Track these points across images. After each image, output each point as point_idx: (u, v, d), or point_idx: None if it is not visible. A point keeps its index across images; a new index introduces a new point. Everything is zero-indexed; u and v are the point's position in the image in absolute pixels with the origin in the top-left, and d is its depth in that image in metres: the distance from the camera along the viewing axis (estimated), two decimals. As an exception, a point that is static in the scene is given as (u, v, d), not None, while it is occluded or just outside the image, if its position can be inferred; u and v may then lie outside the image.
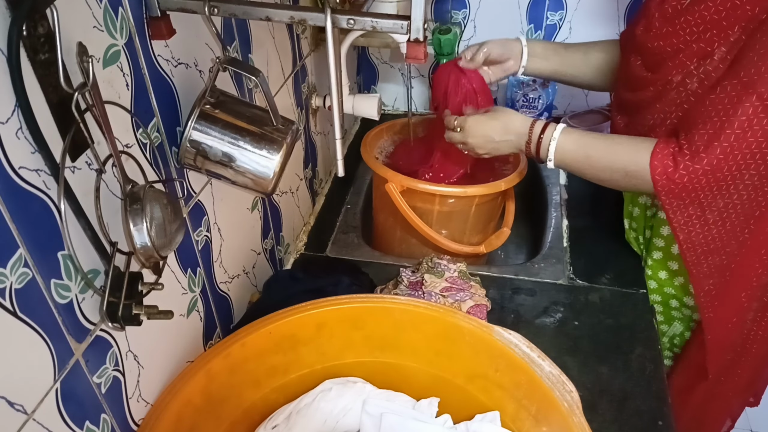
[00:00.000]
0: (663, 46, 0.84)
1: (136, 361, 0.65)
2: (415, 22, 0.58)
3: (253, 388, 0.78)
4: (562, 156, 0.90)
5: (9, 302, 0.47)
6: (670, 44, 0.83)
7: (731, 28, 0.76)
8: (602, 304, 1.02)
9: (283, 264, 1.13)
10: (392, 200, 1.04)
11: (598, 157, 0.88)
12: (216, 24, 0.68)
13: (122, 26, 0.58)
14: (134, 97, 0.61)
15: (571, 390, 0.70)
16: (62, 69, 0.47)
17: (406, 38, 0.60)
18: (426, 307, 0.78)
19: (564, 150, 0.90)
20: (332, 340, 0.80)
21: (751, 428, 1.77)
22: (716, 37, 0.78)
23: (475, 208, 1.07)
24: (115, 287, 0.56)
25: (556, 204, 1.24)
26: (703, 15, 0.78)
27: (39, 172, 0.49)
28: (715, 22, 0.77)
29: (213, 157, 0.66)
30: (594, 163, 0.88)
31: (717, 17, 0.77)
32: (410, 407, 0.81)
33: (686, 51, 0.81)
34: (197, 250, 0.78)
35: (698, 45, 0.80)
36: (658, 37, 0.85)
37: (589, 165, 0.89)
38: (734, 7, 0.75)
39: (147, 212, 0.55)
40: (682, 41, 0.82)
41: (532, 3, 1.34)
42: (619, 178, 0.87)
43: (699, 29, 0.79)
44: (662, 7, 0.84)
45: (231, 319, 0.92)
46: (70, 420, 0.55)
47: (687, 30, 0.80)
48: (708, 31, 0.79)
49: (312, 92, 1.17)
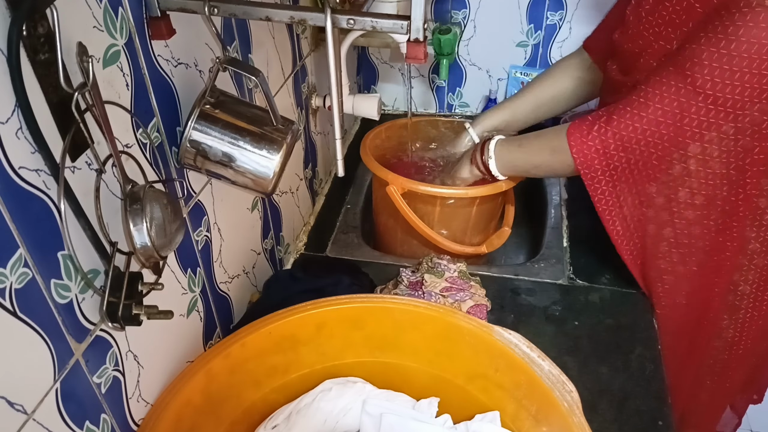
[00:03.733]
0: (632, 47, 0.86)
1: (136, 361, 0.65)
2: (415, 22, 0.58)
3: (253, 388, 0.78)
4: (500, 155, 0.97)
5: (9, 302, 0.47)
6: (637, 45, 0.85)
7: (686, 25, 0.78)
8: (602, 304, 1.02)
9: (283, 264, 1.13)
10: (393, 202, 1.04)
11: (528, 141, 0.95)
12: (216, 24, 0.68)
13: (122, 26, 0.58)
14: (134, 97, 0.61)
15: (571, 390, 0.70)
16: (62, 69, 0.47)
17: (406, 38, 0.60)
18: (426, 307, 0.78)
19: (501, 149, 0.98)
20: (332, 340, 0.80)
21: (751, 428, 1.77)
22: (673, 34, 0.79)
23: (476, 208, 1.07)
24: (115, 287, 0.56)
25: (556, 204, 1.24)
26: (663, 15, 0.80)
27: (39, 172, 0.49)
28: (672, 21, 0.79)
29: (213, 157, 0.66)
30: (526, 148, 0.95)
31: (674, 17, 0.78)
32: (410, 407, 0.81)
33: (649, 50, 0.83)
34: (197, 250, 0.78)
35: (659, 44, 0.81)
36: (629, 40, 0.86)
37: (523, 152, 0.96)
38: (689, 7, 0.76)
39: (147, 212, 0.55)
40: (646, 42, 0.83)
41: (532, 3, 1.34)
42: (549, 158, 0.91)
43: (659, 29, 0.81)
44: (636, 10, 0.85)
45: (231, 319, 0.92)
46: (70, 420, 0.55)
47: (650, 30, 0.82)
48: (665, 29, 0.80)
49: (312, 92, 1.17)
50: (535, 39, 1.39)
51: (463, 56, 1.46)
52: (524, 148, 0.96)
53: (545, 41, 1.39)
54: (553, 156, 0.89)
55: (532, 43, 1.40)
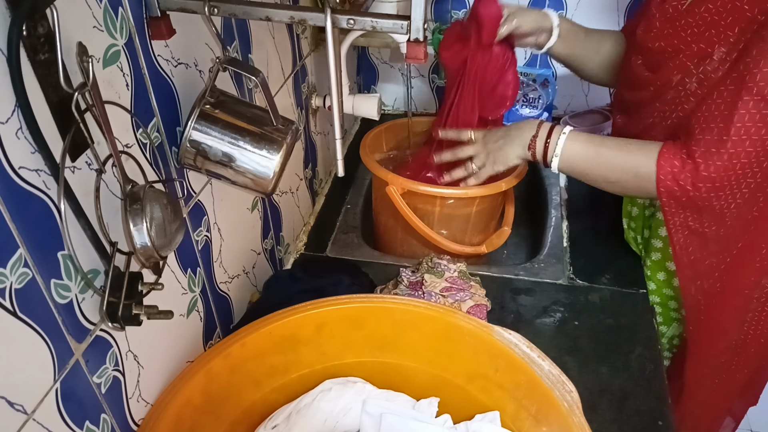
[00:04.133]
0: (664, 46, 0.84)
1: (136, 361, 0.65)
2: (415, 22, 0.58)
3: (253, 388, 0.78)
4: (571, 153, 0.89)
5: (9, 302, 0.47)
6: (670, 45, 0.83)
7: (731, 29, 0.77)
8: (602, 304, 1.02)
9: (283, 264, 1.13)
10: (393, 202, 1.04)
11: (610, 155, 0.87)
12: (216, 24, 0.68)
13: (122, 26, 0.58)
14: (134, 97, 0.61)
15: (571, 390, 0.70)
16: (62, 69, 0.47)
17: (406, 38, 0.60)
18: (426, 307, 0.78)
19: (573, 147, 0.89)
20: (332, 340, 0.80)
21: (751, 428, 1.77)
22: (716, 37, 0.78)
23: (476, 208, 1.07)
24: (115, 287, 0.56)
25: (556, 204, 1.24)
26: (704, 16, 0.78)
27: (39, 172, 0.49)
28: (714, 23, 0.78)
29: (213, 157, 0.66)
30: (604, 161, 0.87)
31: (717, 18, 0.77)
32: (410, 407, 0.81)
33: (686, 51, 0.82)
34: (197, 250, 0.78)
35: (698, 45, 0.80)
36: (659, 38, 0.85)
37: (599, 164, 0.88)
38: (734, 9, 0.75)
39: (147, 212, 0.55)
40: (682, 42, 0.82)
41: (533, 3, 1.34)
42: (629, 179, 0.86)
43: (699, 30, 0.79)
44: (663, 7, 0.84)
45: (231, 319, 0.92)
46: (70, 420, 0.55)
47: (688, 31, 0.81)
48: (708, 31, 0.79)
49: (312, 92, 1.17)
50: (535, 39, 1.39)
51: (463, 56, 1.45)
52: (603, 160, 0.87)
53: (545, 41, 1.39)
54: (636, 180, 0.85)
55: (532, 43, 1.40)
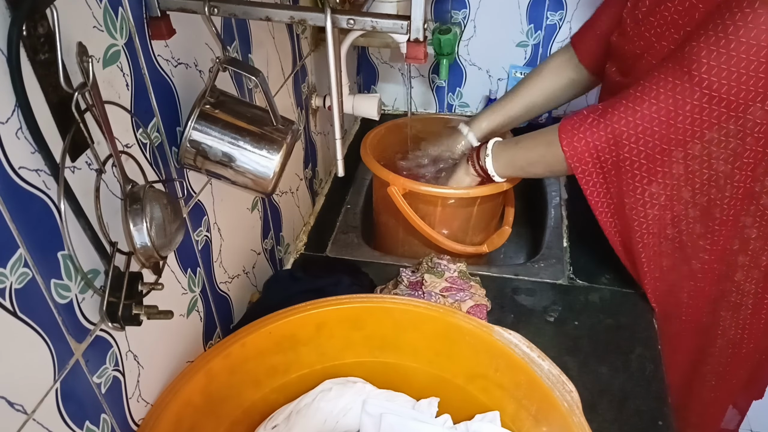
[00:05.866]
0: (632, 48, 0.85)
1: (136, 361, 0.65)
2: (415, 22, 0.58)
3: (253, 388, 0.78)
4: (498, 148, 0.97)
5: (9, 302, 0.47)
6: (638, 46, 0.84)
7: (689, 26, 0.77)
8: (602, 304, 1.02)
9: (283, 264, 1.13)
10: (394, 202, 1.04)
11: (525, 138, 0.95)
12: (216, 24, 0.68)
13: (122, 26, 0.58)
14: (134, 97, 0.61)
15: (571, 390, 0.70)
16: (62, 69, 0.47)
17: (406, 38, 0.60)
18: (426, 307, 0.78)
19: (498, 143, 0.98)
20: (332, 340, 0.80)
21: (751, 428, 1.77)
22: (676, 34, 0.79)
23: (477, 208, 1.07)
24: (115, 287, 0.56)
25: (556, 204, 1.24)
26: (664, 15, 0.79)
27: (39, 172, 0.49)
28: (674, 21, 0.78)
29: (213, 157, 0.66)
30: (522, 143, 0.95)
31: (677, 17, 0.78)
32: (410, 407, 0.81)
33: (651, 51, 0.83)
34: (197, 250, 0.78)
35: (661, 44, 0.81)
36: (628, 41, 0.86)
37: (519, 147, 0.96)
38: (691, 7, 0.76)
39: (147, 212, 0.55)
40: (647, 42, 0.83)
41: (532, 3, 1.34)
42: (543, 150, 0.90)
43: (661, 30, 0.80)
44: (633, 12, 0.85)
45: (231, 319, 0.92)
46: (70, 420, 0.55)
47: (651, 31, 0.82)
48: (668, 30, 0.80)
49: (312, 92, 1.17)
50: (535, 39, 1.39)
51: (463, 56, 1.46)
52: (521, 144, 0.95)
53: (545, 41, 1.39)
54: (548, 149, 0.88)
55: (532, 43, 1.40)
